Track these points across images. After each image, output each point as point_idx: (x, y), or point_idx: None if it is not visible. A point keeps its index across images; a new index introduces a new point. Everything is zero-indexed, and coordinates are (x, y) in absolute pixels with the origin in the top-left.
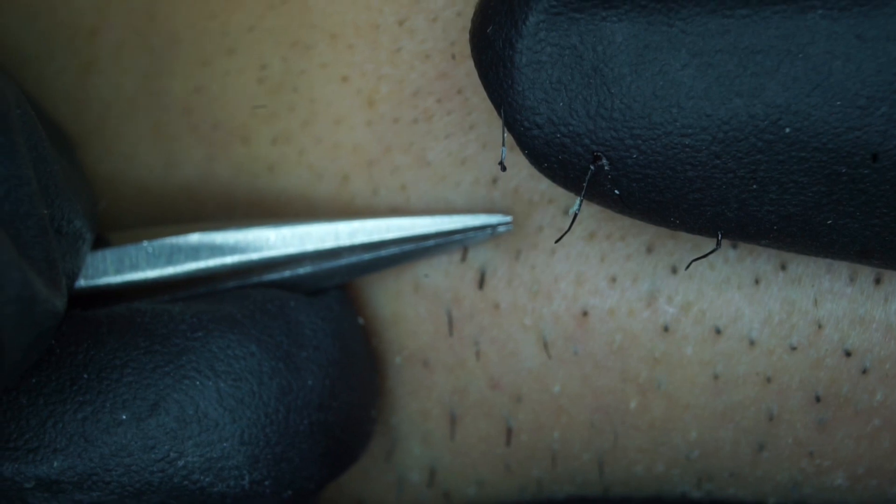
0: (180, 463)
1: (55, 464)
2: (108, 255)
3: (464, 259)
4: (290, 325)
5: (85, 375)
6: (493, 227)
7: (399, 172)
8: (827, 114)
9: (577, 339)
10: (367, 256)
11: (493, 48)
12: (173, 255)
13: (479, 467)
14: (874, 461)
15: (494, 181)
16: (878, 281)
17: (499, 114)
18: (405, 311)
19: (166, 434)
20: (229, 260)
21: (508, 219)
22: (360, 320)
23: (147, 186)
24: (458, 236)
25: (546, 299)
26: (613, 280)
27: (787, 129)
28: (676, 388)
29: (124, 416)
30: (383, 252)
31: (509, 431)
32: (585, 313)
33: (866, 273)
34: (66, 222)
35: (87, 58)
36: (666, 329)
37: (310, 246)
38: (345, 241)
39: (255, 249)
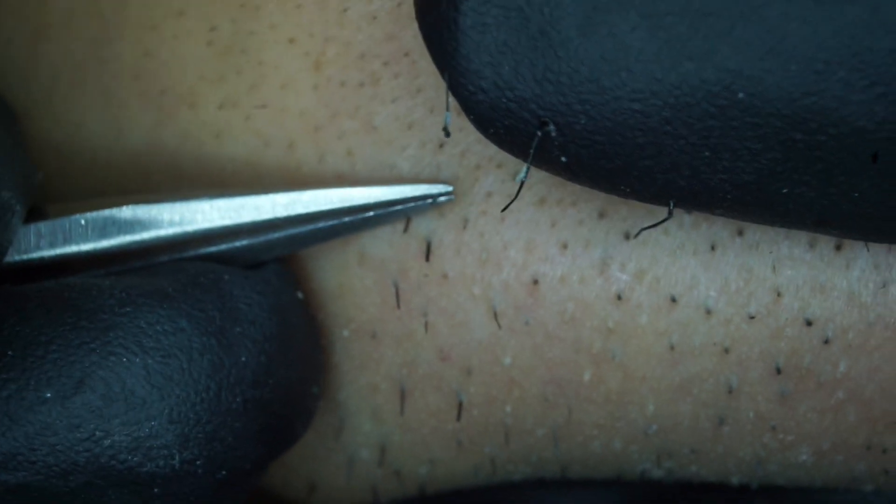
0: (106, 442)
1: None
2: (42, 228)
3: (406, 229)
4: (223, 299)
5: (10, 352)
6: (434, 196)
7: (345, 138)
8: (781, 78)
9: (528, 309)
10: (306, 228)
11: (436, 10)
12: (107, 228)
13: (431, 444)
14: (839, 435)
15: (441, 146)
16: (838, 247)
17: (443, 77)
18: (351, 282)
19: (91, 412)
20: (164, 232)
21: (450, 188)
22: (300, 294)
23: (96, 156)
24: (398, 206)
25: (495, 267)
26: (564, 247)
27: (741, 94)
28: (631, 360)
29: (49, 395)
30: (322, 223)
31: (460, 405)
32: (536, 281)
33: (826, 239)
34: None
35: (37, 25)
36: (619, 297)
37: (246, 217)
38: (282, 213)
39: (191, 222)
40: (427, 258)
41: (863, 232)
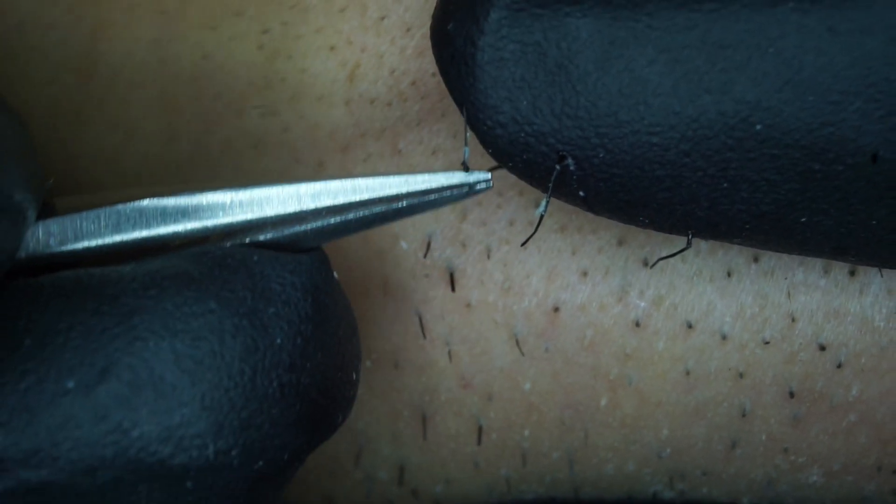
0: (135, 433)
1: None
2: (53, 225)
3: (426, 255)
4: (254, 279)
5: (27, 342)
6: (471, 185)
7: (371, 161)
8: (799, 109)
9: (549, 336)
10: (333, 220)
11: (453, 45)
12: (121, 224)
13: (449, 465)
14: (850, 457)
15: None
16: (852, 273)
17: (461, 112)
18: (374, 313)
19: (118, 402)
20: (182, 227)
21: (487, 175)
22: (335, 275)
23: (145, 162)
24: (433, 196)
25: (518, 296)
26: (584, 274)
27: (758, 126)
28: (647, 385)
29: (71, 385)
30: (351, 215)
31: (480, 430)
32: (557, 309)
33: (840, 265)
34: (4, 198)
35: (96, 22)
36: (637, 324)
37: (270, 211)
38: (308, 205)
39: (211, 215)
40: (453, 288)
41: (879, 258)
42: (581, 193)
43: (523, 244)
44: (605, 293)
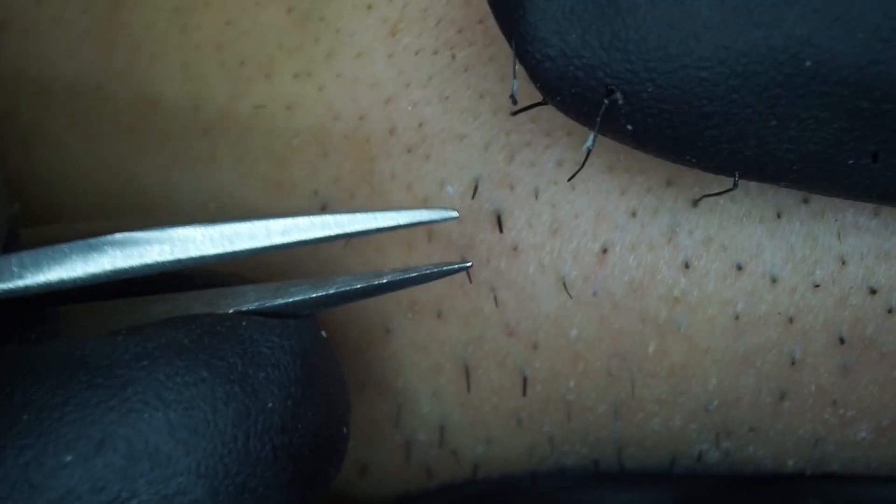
0: (133, 503)
1: None
2: (25, 258)
3: (474, 196)
4: (243, 344)
5: (24, 417)
6: (438, 223)
7: (417, 108)
8: (848, 47)
9: (597, 278)
10: (314, 294)
11: None
12: (92, 256)
13: (490, 423)
14: None
15: (512, 115)
16: None
17: (510, 45)
18: (418, 261)
19: (115, 473)
20: (152, 259)
21: (453, 213)
22: (323, 333)
23: (169, 131)
24: (413, 274)
25: (566, 238)
26: (633, 214)
27: (808, 63)
28: (696, 330)
29: (69, 458)
30: (332, 290)
31: (525, 381)
32: (605, 250)
33: (891, 207)
34: None
35: None
36: (686, 265)
37: (239, 245)
38: (278, 240)
39: (181, 250)
40: (501, 230)
41: None
42: (629, 127)
43: (570, 179)
44: (654, 233)
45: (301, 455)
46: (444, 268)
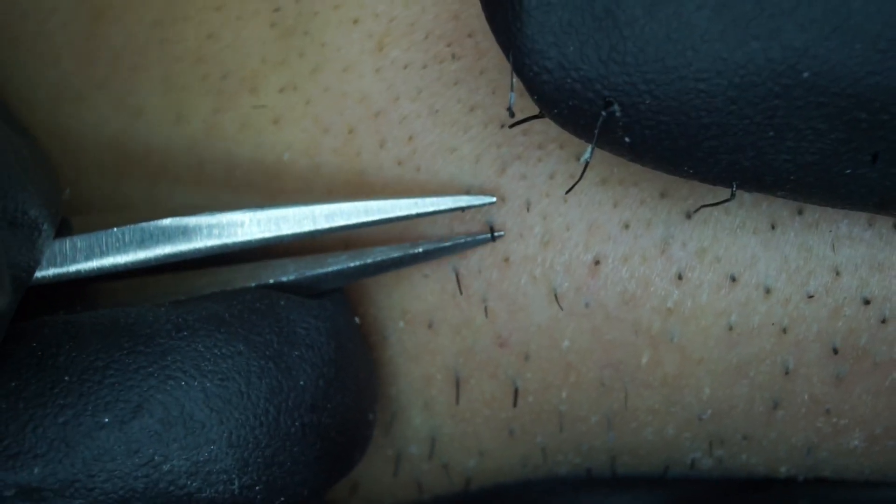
0: (165, 467)
1: (36, 470)
2: (78, 242)
3: (465, 211)
4: (280, 323)
5: (66, 378)
6: (478, 207)
7: (407, 122)
8: (846, 57)
9: (589, 290)
10: (353, 264)
11: None
12: (145, 241)
13: (482, 435)
14: (893, 419)
15: (503, 127)
16: None
17: (507, 58)
18: (409, 271)
19: (150, 437)
20: (202, 244)
21: (492, 199)
22: (357, 320)
23: (151, 143)
24: (449, 243)
25: (557, 249)
26: (626, 226)
27: (805, 74)
28: (690, 341)
29: (107, 420)
30: (370, 259)
31: (516, 392)
32: (598, 262)
33: (885, 218)
34: (20, 213)
35: (97, 5)
36: (680, 277)
37: (287, 230)
38: (323, 224)
39: (230, 234)
40: (493, 239)
41: None
42: (627, 140)
43: (567, 192)
44: (647, 245)
45: (328, 435)
46: (479, 237)
